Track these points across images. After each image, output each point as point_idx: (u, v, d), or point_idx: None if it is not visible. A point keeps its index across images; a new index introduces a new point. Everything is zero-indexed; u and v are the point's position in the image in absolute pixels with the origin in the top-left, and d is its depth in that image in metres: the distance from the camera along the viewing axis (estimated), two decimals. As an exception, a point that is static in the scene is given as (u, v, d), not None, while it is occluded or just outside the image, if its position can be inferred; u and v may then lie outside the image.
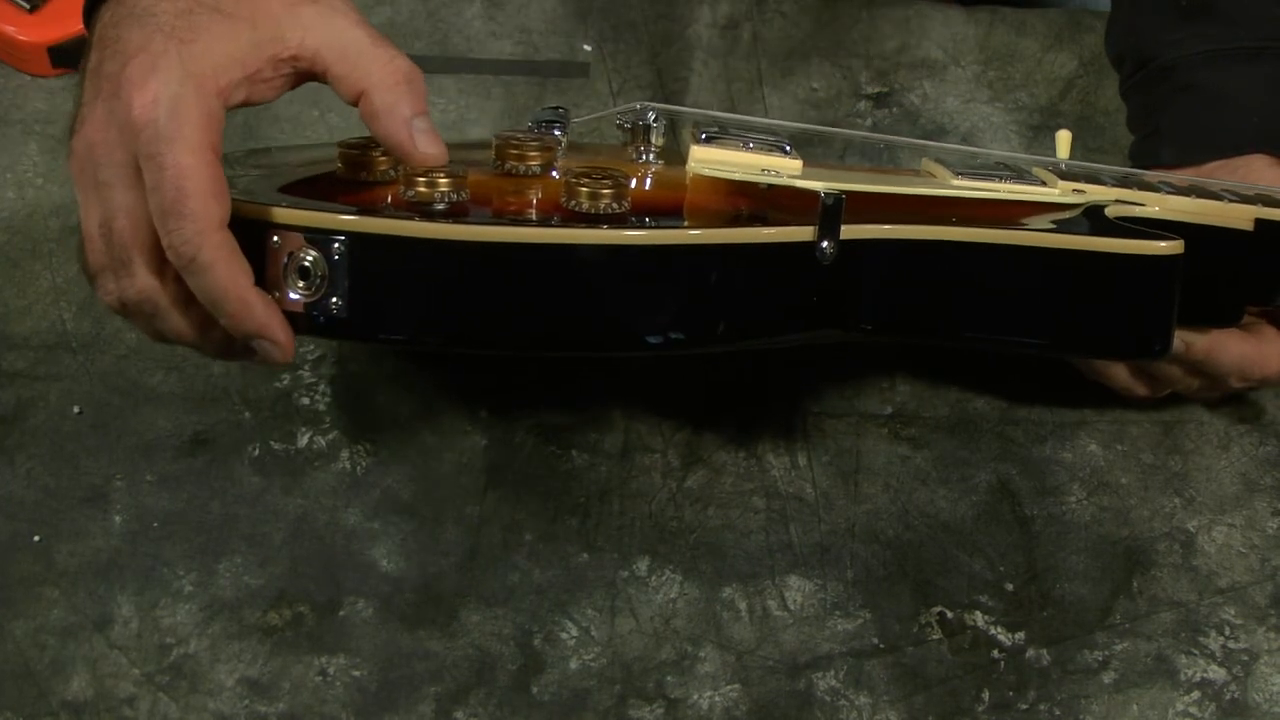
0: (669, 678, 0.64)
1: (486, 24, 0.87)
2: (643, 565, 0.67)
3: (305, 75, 0.54)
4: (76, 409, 0.70)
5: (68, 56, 0.82)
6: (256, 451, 0.69)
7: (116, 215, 0.51)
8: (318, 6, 0.54)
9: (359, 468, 0.69)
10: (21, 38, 0.82)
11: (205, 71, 0.51)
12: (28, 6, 0.82)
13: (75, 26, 0.82)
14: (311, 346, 0.73)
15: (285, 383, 0.72)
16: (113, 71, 0.51)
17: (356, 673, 0.64)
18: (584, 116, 0.67)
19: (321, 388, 0.72)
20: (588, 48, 0.87)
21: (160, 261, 0.52)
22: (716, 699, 0.64)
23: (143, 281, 0.52)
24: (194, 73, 0.51)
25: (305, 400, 0.71)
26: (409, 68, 0.54)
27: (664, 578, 0.67)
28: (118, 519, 0.67)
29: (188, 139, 0.50)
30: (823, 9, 0.89)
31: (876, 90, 0.86)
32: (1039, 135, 0.84)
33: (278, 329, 0.52)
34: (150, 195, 0.50)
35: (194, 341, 0.54)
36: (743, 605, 0.66)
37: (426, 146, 0.54)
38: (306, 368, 0.72)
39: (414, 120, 0.54)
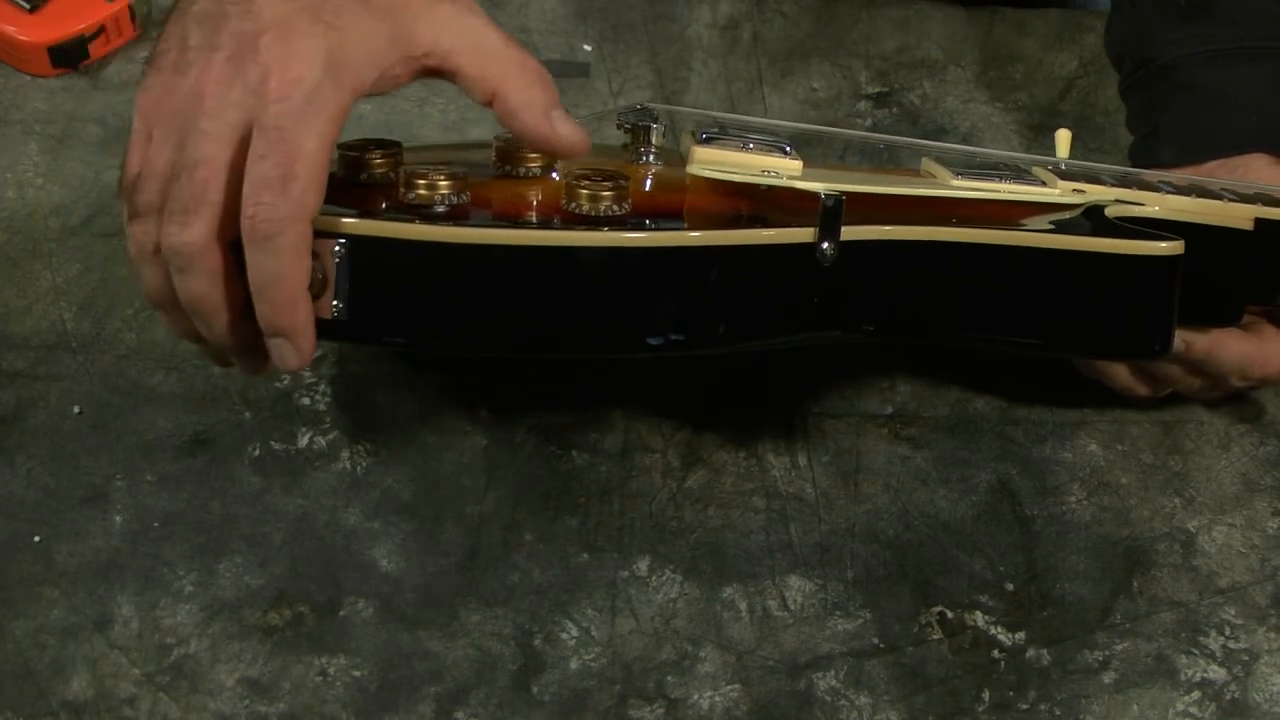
0: (669, 678, 0.64)
1: (486, 24, 0.87)
2: (643, 565, 0.67)
3: (433, 73, 0.55)
4: (76, 409, 0.70)
5: (68, 56, 0.82)
6: (256, 451, 0.69)
7: (200, 165, 0.50)
8: (454, 6, 0.54)
9: (359, 468, 0.69)
10: (21, 38, 0.82)
11: (348, 66, 0.51)
12: (28, 6, 0.82)
13: (75, 26, 0.82)
14: (311, 346, 0.73)
15: (285, 383, 0.72)
16: (246, 32, 0.50)
17: (356, 673, 0.64)
18: (584, 115, 0.67)
19: (321, 388, 0.72)
20: (588, 48, 0.87)
21: (221, 224, 0.51)
22: (716, 699, 0.64)
23: (194, 234, 0.51)
24: (338, 64, 0.51)
25: (305, 400, 0.71)
26: (539, 67, 0.55)
27: (664, 578, 0.67)
28: (118, 519, 0.67)
29: (317, 129, 0.50)
30: (823, 9, 0.89)
31: (876, 90, 0.86)
32: (1039, 135, 0.84)
33: (309, 336, 0.51)
34: (255, 163, 0.49)
35: (207, 310, 0.53)
36: (743, 605, 0.66)
37: (570, 134, 0.55)
38: (307, 368, 0.72)
39: (553, 112, 0.55)
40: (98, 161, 0.79)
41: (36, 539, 0.66)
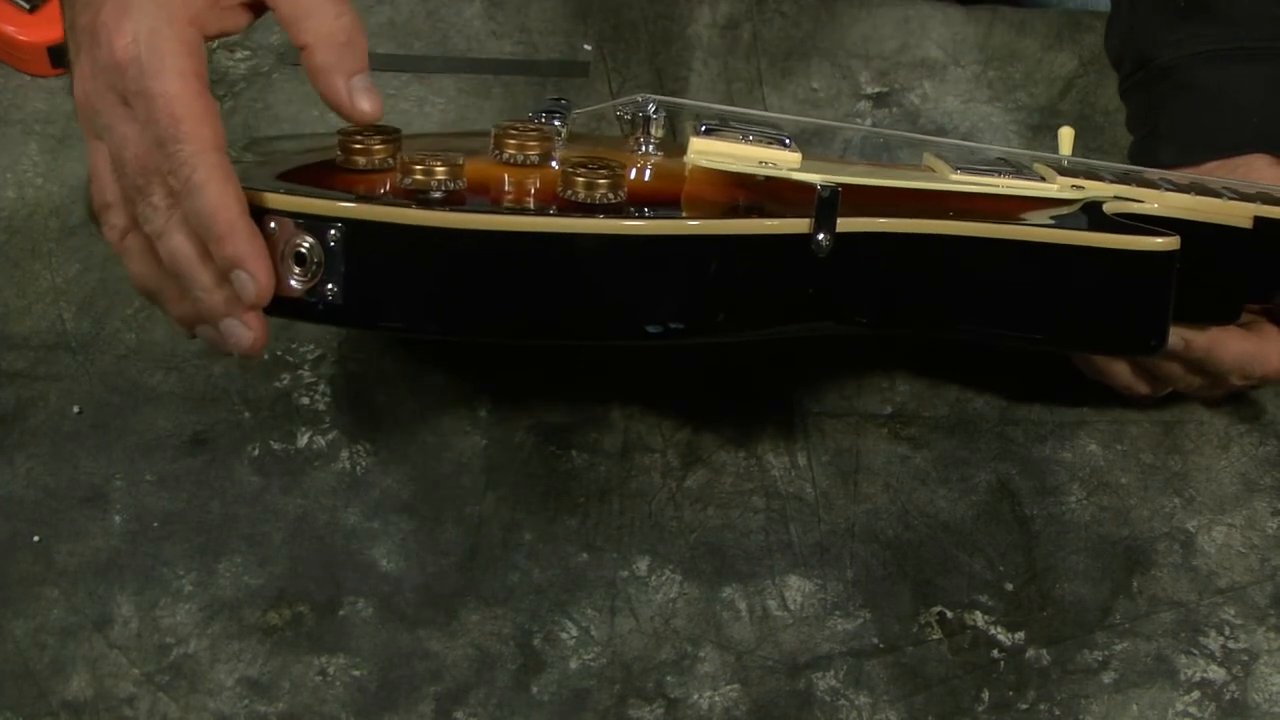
0: (669, 678, 0.64)
1: (486, 24, 0.87)
2: (643, 565, 0.67)
3: (260, 7, 0.56)
4: (76, 409, 0.70)
5: (68, 56, 0.82)
6: (256, 451, 0.69)
7: (124, 148, 0.53)
8: None
9: (359, 468, 0.69)
10: (21, 38, 0.82)
11: (175, 3, 0.52)
12: (28, 6, 0.82)
13: (75, 27, 0.82)
14: (311, 346, 0.73)
15: (285, 383, 0.72)
16: (87, 22, 0.53)
17: (356, 673, 0.64)
18: (585, 108, 0.67)
19: (321, 388, 0.72)
20: (588, 47, 0.87)
21: (170, 186, 0.52)
22: (716, 699, 0.64)
23: (158, 200, 0.53)
24: (164, 4, 0.52)
25: (305, 400, 0.71)
26: (353, 26, 0.55)
27: (664, 578, 0.67)
28: (118, 519, 0.67)
29: (170, 68, 0.51)
30: (823, 9, 0.89)
31: (876, 90, 0.86)
32: (1039, 135, 0.84)
33: (258, 262, 0.51)
34: (145, 130, 0.51)
35: (191, 268, 0.53)
36: (743, 605, 0.66)
37: (364, 104, 0.55)
38: (306, 368, 0.72)
39: (353, 79, 0.55)
40: (97, 162, 0.79)
41: (36, 539, 0.66)
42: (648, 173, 0.61)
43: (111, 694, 0.63)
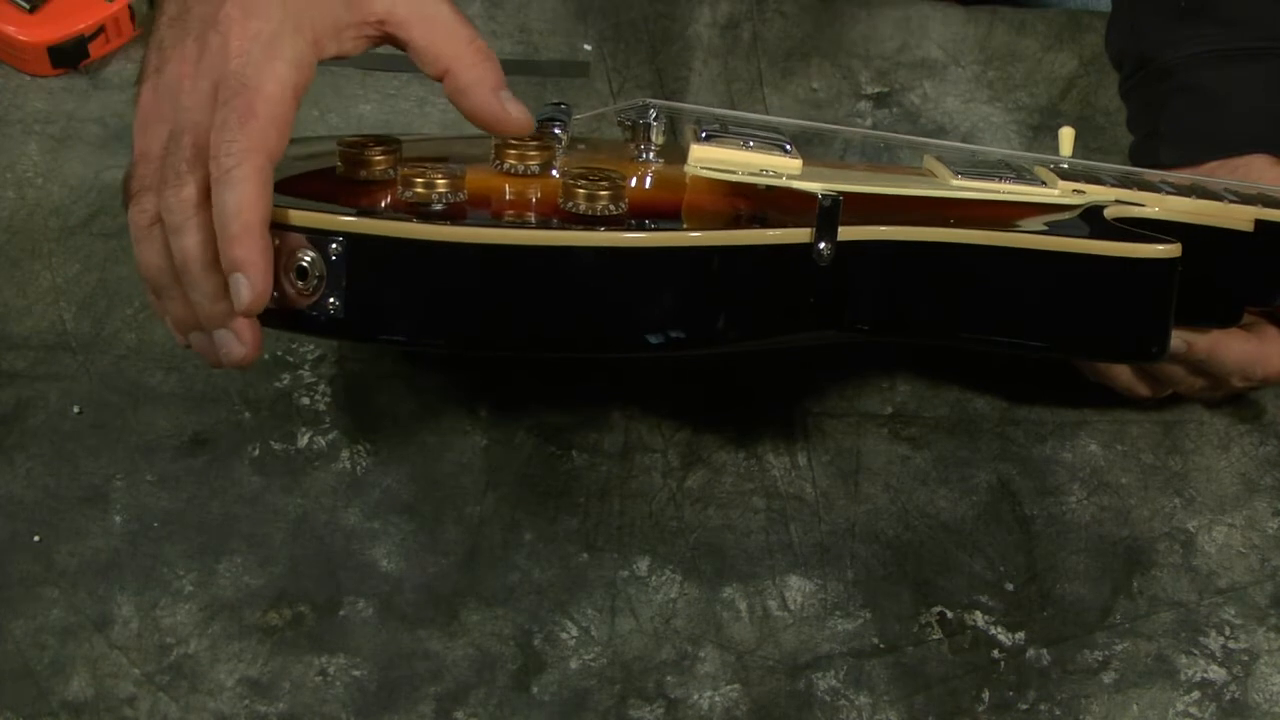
0: (669, 678, 0.64)
1: (486, 23, 0.87)
2: (643, 565, 0.67)
3: (387, 40, 0.56)
4: (76, 409, 0.70)
5: (68, 56, 0.82)
6: (256, 451, 0.69)
7: (186, 131, 0.53)
8: None
9: (359, 468, 0.69)
10: (21, 38, 0.82)
11: (303, 18, 0.53)
12: (28, 6, 0.82)
13: (75, 26, 0.82)
14: (311, 346, 0.73)
15: (285, 383, 0.72)
16: (207, 12, 0.53)
17: (356, 673, 0.64)
18: (585, 114, 0.67)
19: (321, 388, 0.72)
20: (588, 47, 0.87)
21: (208, 186, 0.52)
22: (716, 699, 0.64)
23: (187, 193, 0.53)
24: (293, 15, 0.53)
25: (305, 400, 0.71)
26: (486, 47, 0.57)
27: (664, 578, 0.67)
28: (118, 519, 0.67)
29: (276, 72, 0.52)
30: (823, 9, 0.89)
31: (876, 90, 0.86)
32: (1039, 135, 0.84)
33: (260, 272, 0.51)
34: (219, 110, 0.52)
35: (198, 269, 0.54)
36: (743, 605, 0.66)
37: (518, 113, 0.57)
38: (306, 367, 0.72)
39: (501, 91, 0.56)
40: (98, 161, 0.79)
41: (36, 539, 0.66)
42: (648, 181, 0.61)
43: (111, 694, 0.63)
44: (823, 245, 0.54)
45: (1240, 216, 0.64)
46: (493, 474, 0.69)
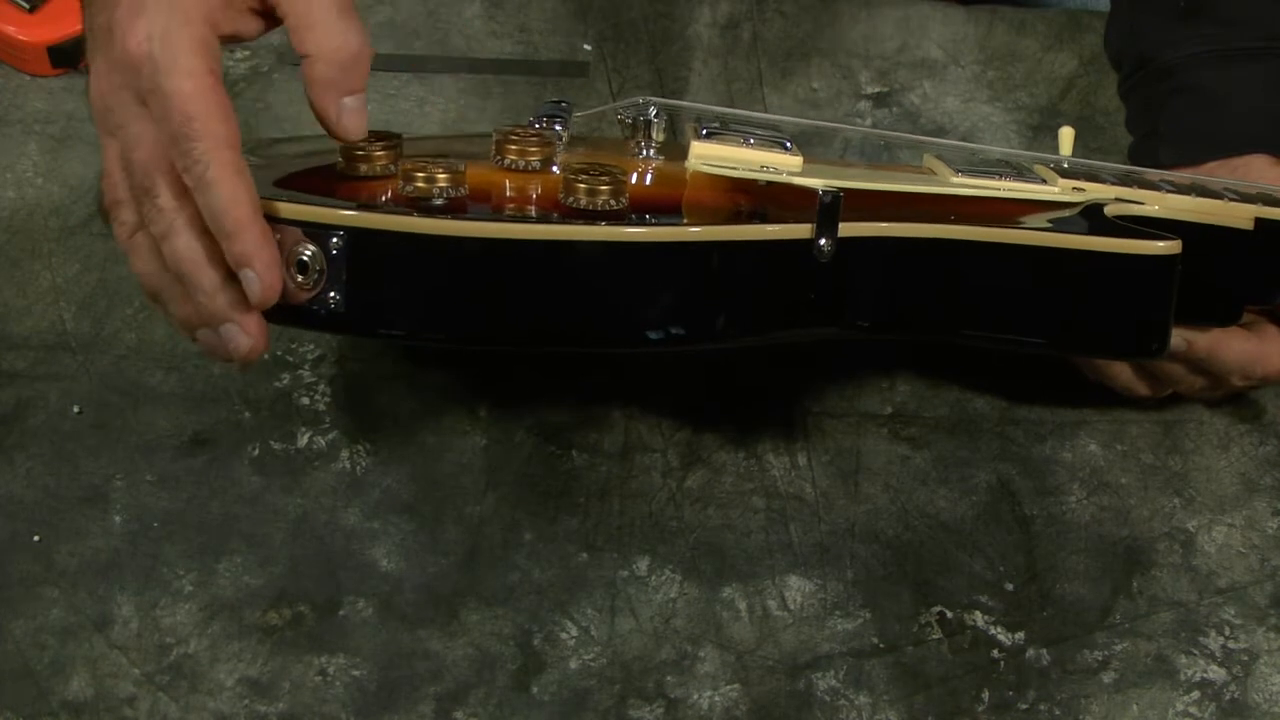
0: (669, 677, 0.64)
1: (486, 24, 0.87)
2: (643, 565, 0.67)
3: (272, 15, 0.56)
4: (76, 409, 0.70)
5: (68, 56, 0.82)
6: (256, 451, 0.69)
7: (135, 148, 0.53)
8: None
9: (359, 468, 0.69)
10: (21, 38, 0.82)
11: (189, 2, 0.53)
12: (28, 6, 0.82)
13: (75, 26, 0.82)
14: (311, 346, 0.73)
15: (285, 383, 0.72)
16: (103, 23, 0.53)
17: (356, 672, 0.64)
18: (585, 111, 0.67)
19: (321, 388, 0.72)
20: (588, 47, 0.87)
21: (178, 187, 0.53)
22: (716, 699, 0.64)
23: (164, 202, 0.53)
24: (178, 4, 0.52)
25: (305, 400, 0.71)
26: (360, 46, 0.55)
27: (664, 577, 0.67)
28: (118, 519, 0.67)
29: (184, 66, 0.52)
30: (823, 9, 0.89)
31: (876, 90, 0.86)
32: (1039, 135, 0.84)
33: (267, 261, 0.51)
34: (160, 126, 0.52)
35: (194, 269, 0.54)
36: (743, 605, 0.66)
37: (349, 124, 0.55)
38: (306, 367, 0.72)
39: (345, 99, 0.55)
40: (98, 161, 0.79)
41: (36, 539, 0.66)
42: (649, 177, 0.61)
43: (111, 694, 0.63)
44: (823, 241, 0.54)
45: (1240, 215, 0.64)
46: (493, 474, 0.69)
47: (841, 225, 0.54)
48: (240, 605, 0.65)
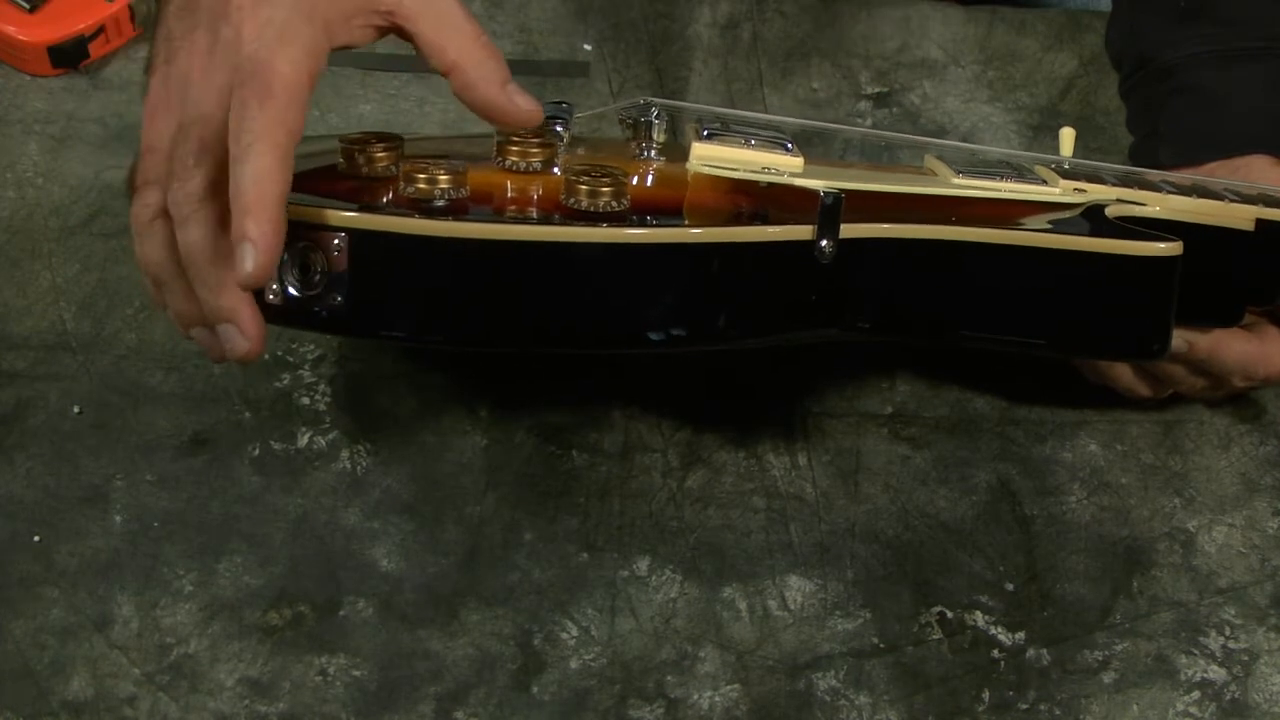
0: (669, 677, 0.64)
1: (486, 23, 0.87)
2: (643, 565, 0.67)
3: (395, 31, 0.56)
4: (76, 409, 0.70)
5: (68, 56, 0.82)
6: (256, 451, 0.69)
7: (195, 125, 0.52)
8: None
9: (359, 468, 0.69)
10: (21, 38, 0.82)
11: (314, 6, 0.53)
12: (28, 6, 0.82)
13: (75, 26, 0.82)
14: (311, 346, 0.73)
15: (285, 382, 0.72)
16: (216, 4, 0.53)
17: (356, 672, 0.64)
18: (586, 112, 0.67)
19: (321, 388, 0.72)
20: (588, 47, 0.87)
21: (219, 177, 0.52)
22: (716, 699, 0.64)
23: (195, 185, 0.52)
24: (304, 2, 0.53)
25: (305, 400, 0.71)
26: (492, 43, 0.57)
27: (664, 577, 0.67)
28: (118, 519, 0.67)
29: (291, 55, 0.52)
30: (823, 9, 0.89)
31: (876, 90, 0.86)
32: (1039, 135, 0.84)
33: (267, 245, 0.50)
34: (236, 92, 0.51)
35: (203, 261, 0.53)
36: (743, 605, 0.66)
37: (527, 105, 0.57)
38: (306, 367, 0.72)
39: (508, 85, 0.57)
40: (98, 161, 0.79)
41: (36, 539, 0.66)
42: (650, 179, 0.61)
43: (112, 694, 0.63)
44: (824, 243, 0.54)
45: (1241, 216, 0.64)
46: (493, 474, 0.69)
47: (843, 227, 0.54)
48: (240, 605, 0.65)
